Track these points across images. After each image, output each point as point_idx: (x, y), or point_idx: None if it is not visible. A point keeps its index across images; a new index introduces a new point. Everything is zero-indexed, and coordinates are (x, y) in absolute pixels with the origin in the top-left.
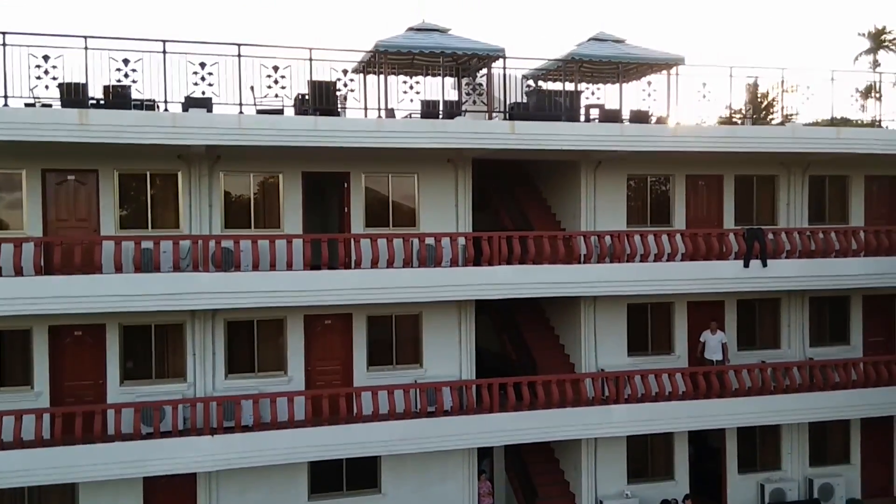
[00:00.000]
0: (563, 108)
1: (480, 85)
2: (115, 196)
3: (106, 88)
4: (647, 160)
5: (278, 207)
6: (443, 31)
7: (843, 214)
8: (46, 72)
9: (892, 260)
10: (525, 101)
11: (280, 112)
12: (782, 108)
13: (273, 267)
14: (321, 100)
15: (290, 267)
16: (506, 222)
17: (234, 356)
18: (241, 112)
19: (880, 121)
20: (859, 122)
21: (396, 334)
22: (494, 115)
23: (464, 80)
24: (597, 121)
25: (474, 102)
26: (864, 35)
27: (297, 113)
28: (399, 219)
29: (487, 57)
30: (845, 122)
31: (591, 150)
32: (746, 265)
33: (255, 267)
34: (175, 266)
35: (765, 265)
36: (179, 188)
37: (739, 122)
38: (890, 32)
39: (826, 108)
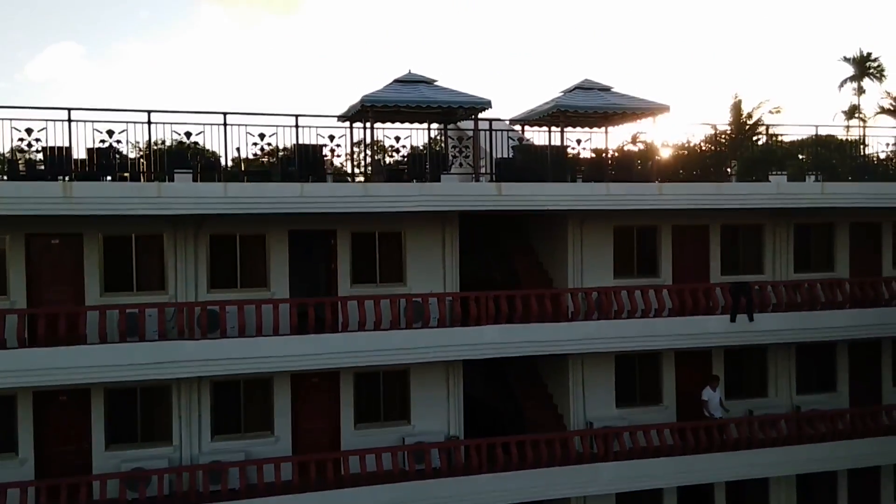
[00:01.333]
0: (550, 163)
1: (467, 146)
2: (100, 259)
3: (90, 151)
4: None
5: (265, 266)
6: (429, 82)
7: (829, 262)
8: (30, 145)
9: (878, 311)
10: (511, 155)
11: (267, 173)
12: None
13: (259, 331)
14: (307, 164)
15: (276, 331)
16: (493, 272)
17: (221, 417)
18: (226, 181)
19: (864, 138)
20: (845, 138)
21: (384, 391)
22: (481, 160)
23: (450, 130)
24: (581, 179)
25: (461, 165)
26: (848, 61)
27: (282, 174)
28: (386, 274)
29: (473, 108)
30: (829, 140)
31: (577, 210)
32: (733, 320)
33: (241, 332)
34: (160, 333)
35: (751, 319)
36: (165, 249)
37: (724, 140)
38: (875, 60)
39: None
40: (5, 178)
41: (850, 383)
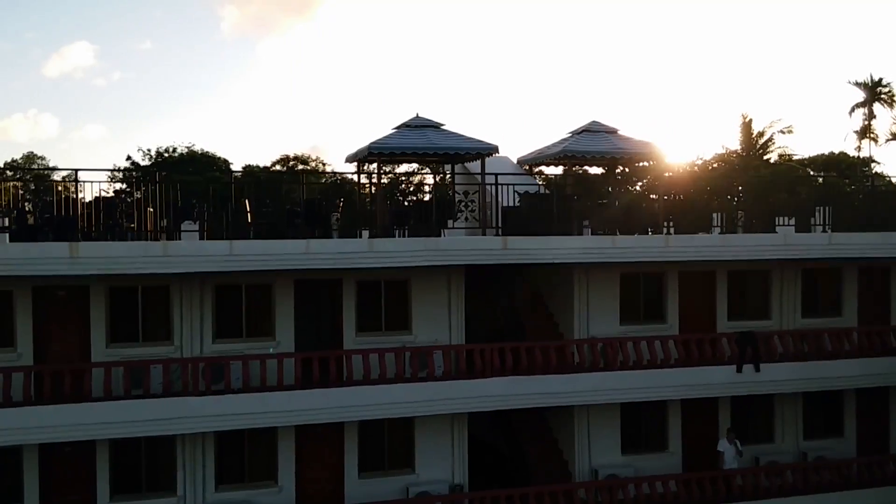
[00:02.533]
0: (556, 213)
1: (473, 200)
2: (106, 310)
3: (97, 200)
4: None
5: (271, 316)
6: (436, 126)
7: (837, 307)
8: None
9: (885, 361)
10: (518, 202)
11: (273, 226)
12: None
13: (264, 382)
14: (314, 218)
15: (280, 381)
16: (499, 316)
17: (225, 466)
18: (232, 238)
19: (871, 158)
20: (855, 157)
21: (388, 439)
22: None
23: (458, 170)
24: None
25: (466, 219)
26: (858, 85)
27: (288, 226)
28: (392, 322)
29: (480, 154)
30: (840, 159)
31: (583, 262)
32: (739, 370)
33: (246, 385)
34: (165, 385)
35: (758, 370)
36: (171, 300)
37: (735, 158)
38: (886, 85)
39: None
40: (14, 227)
41: (857, 429)
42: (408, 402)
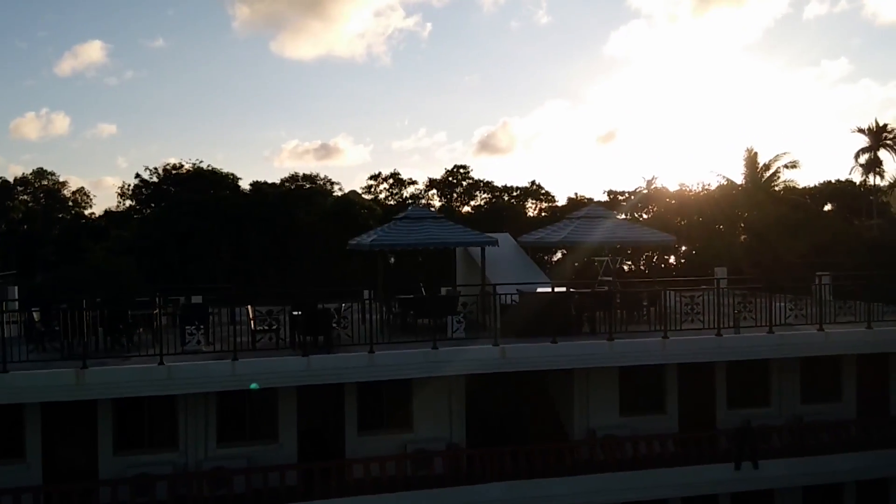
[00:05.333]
0: (553, 315)
1: (472, 311)
2: (113, 420)
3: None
4: None
5: (274, 419)
6: (435, 217)
7: (836, 394)
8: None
9: (883, 454)
10: (517, 300)
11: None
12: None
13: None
14: (316, 333)
15: (283, 480)
16: (500, 410)
17: None
18: (235, 358)
19: (876, 186)
20: (862, 183)
21: None
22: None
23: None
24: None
25: (466, 330)
26: (862, 132)
27: (291, 340)
28: (393, 420)
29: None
30: (846, 190)
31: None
32: (738, 468)
33: (248, 491)
34: (170, 494)
35: (756, 467)
36: (176, 409)
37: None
38: (892, 132)
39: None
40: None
41: None
42: None
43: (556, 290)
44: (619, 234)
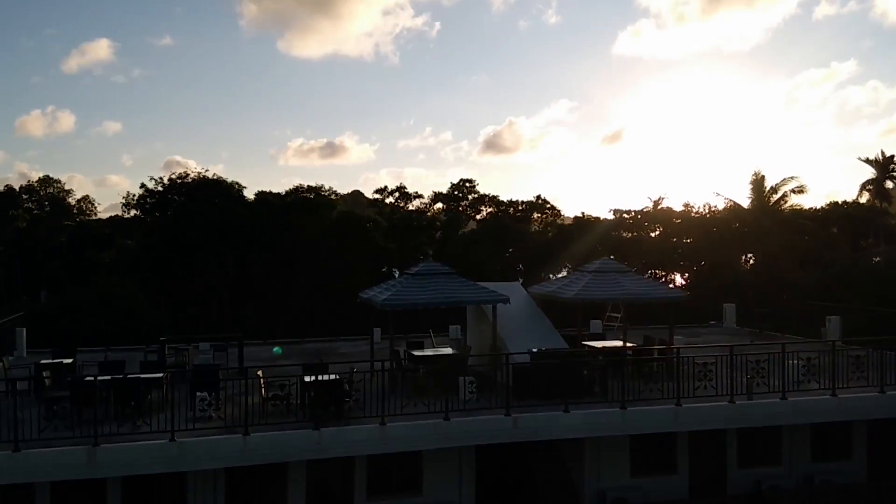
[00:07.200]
0: (564, 377)
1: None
2: (121, 497)
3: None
4: None
5: (285, 492)
6: (447, 273)
7: (846, 453)
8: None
9: None
10: (528, 361)
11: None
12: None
13: None
14: (327, 403)
15: None
16: (510, 473)
17: None
18: (246, 433)
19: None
20: (869, 201)
21: None
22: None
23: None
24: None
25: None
26: (869, 162)
27: (301, 407)
28: (403, 485)
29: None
30: (853, 213)
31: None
32: None
33: None
34: None
35: None
36: (185, 486)
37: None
38: None
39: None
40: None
41: None
42: None
43: (568, 350)
44: (631, 290)
